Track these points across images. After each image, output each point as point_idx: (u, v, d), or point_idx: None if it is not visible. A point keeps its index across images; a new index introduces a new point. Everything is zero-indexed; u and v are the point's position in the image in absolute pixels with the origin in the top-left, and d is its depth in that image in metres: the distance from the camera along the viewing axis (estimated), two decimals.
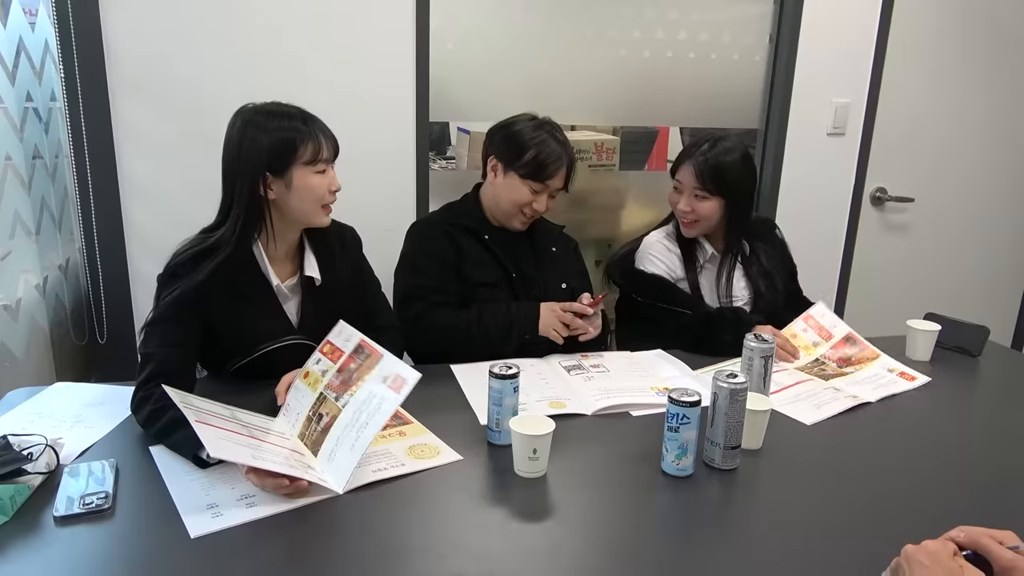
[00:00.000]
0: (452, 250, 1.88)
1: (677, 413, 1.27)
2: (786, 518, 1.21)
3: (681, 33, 2.69)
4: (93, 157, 2.15)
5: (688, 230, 2.04)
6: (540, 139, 1.84)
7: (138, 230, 2.24)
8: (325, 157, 1.51)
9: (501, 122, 1.92)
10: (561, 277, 1.99)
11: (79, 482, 1.19)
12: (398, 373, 1.29)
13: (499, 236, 1.94)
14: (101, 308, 2.24)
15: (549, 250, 2.02)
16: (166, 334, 1.45)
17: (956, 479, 1.35)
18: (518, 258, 1.94)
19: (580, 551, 1.10)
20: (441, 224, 1.92)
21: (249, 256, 1.53)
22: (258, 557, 1.06)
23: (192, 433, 1.19)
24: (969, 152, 3.16)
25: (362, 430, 1.26)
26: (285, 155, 1.47)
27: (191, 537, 1.08)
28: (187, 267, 1.47)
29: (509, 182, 1.86)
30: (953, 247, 3.27)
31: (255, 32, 2.22)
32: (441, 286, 1.85)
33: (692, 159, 1.97)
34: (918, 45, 2.93)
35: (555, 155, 1.83)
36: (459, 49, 2.47)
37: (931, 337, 1.91)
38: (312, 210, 1.54)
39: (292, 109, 1.52)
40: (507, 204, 1.88)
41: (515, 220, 1.91)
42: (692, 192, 1.98)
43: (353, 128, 2.36)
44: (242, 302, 1.52)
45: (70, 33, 2.03)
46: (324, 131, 1.53)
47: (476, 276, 1.88)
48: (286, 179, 1.48)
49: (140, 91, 2.16)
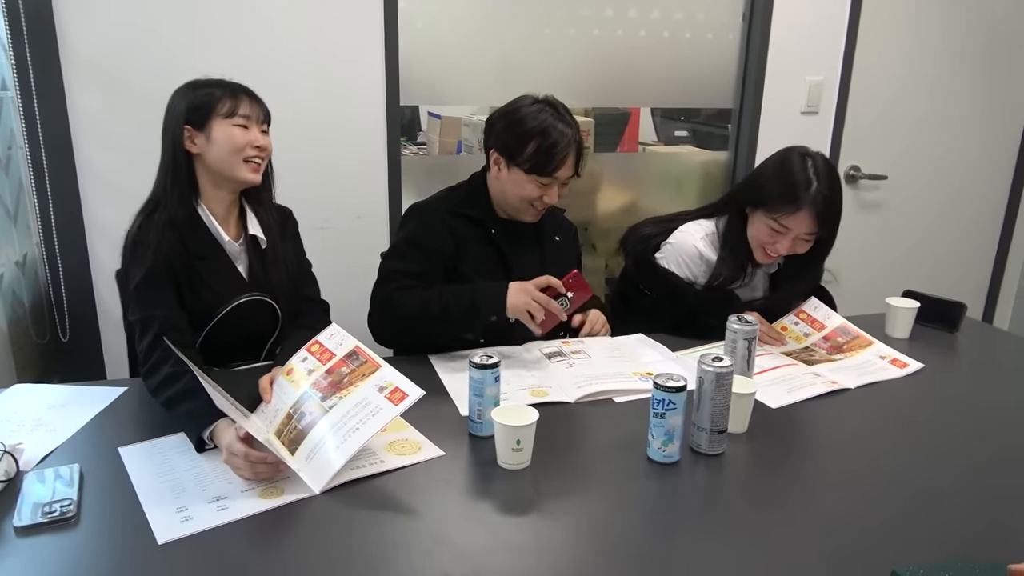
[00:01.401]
0: (451, 243, 1.75)
1: (663, 399, 1.25)
2: (776, 502, 1.19)
3: (654, 12, 2.65)
4: (49, 147, 2.06)
5: (767, 260, 1.85)
6: (542, 128, 1.66)
7: (99, 222, 2.16)
8: (244, 113, 1.52)
9: (500, 110, 1.75)
10: (564, 268, 1.86)
11: (41, 489, 1.13)
12: (398, 386, 1.26)
13: (505, 230, 1.80)
14: (63, 304, 2.16)
15: (553, 239, 1.90)
16: (158, 293, 1.46)
17: (943, 457, 1.35)
18: (523, 253, 1.82)
19: (566, 543, 1.07)
20: (442, 213, 1.77)
21: (195, 215, 1.55)
22: (232, 562, 1.02)
23: (200, 408, 1.23)
24: (943, 129, 3.18)
25: (351, 433, 1.21)
26: (203, 108, 1.50)
27: (158, 543, 1.04)
28: (145, 231, 1.50)
29: (514, 177, 1.71)
30: (927, 224, 3.29)
31: (215, 14, 2.14)
32: (420, 272, 1.72)
33: (811, 204, 1.70)
34: (892, 22, 2.93)
35: (560, 145, 1.66)
36: (428, 30, 2.41)
37: (910, 314, 1.91)
38: (232, 161, 1.52)
39: (222, 80, 1.56)
40: (515, 200, 1.74)
41: (526, 214, 1.77)
42: (800, 237, 1.76)
43: (321, 112, 2.31)
44: (199, 261, 1.54)
45: (20, 18, 1.94)
46: (250, 95, 1.55)
47: (474, 272, 1.75)
48: (206, 132, 1.51)
49: (97, 78, 2.07)
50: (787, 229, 1.75)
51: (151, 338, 1.40)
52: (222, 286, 1.57)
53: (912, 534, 1.11)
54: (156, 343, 1.39)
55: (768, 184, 1.78)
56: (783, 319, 1.91)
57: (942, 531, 1.12)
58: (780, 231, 1.76)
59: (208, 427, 1.25)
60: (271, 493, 1.16)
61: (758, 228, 1.80)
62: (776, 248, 1.78)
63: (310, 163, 2.32)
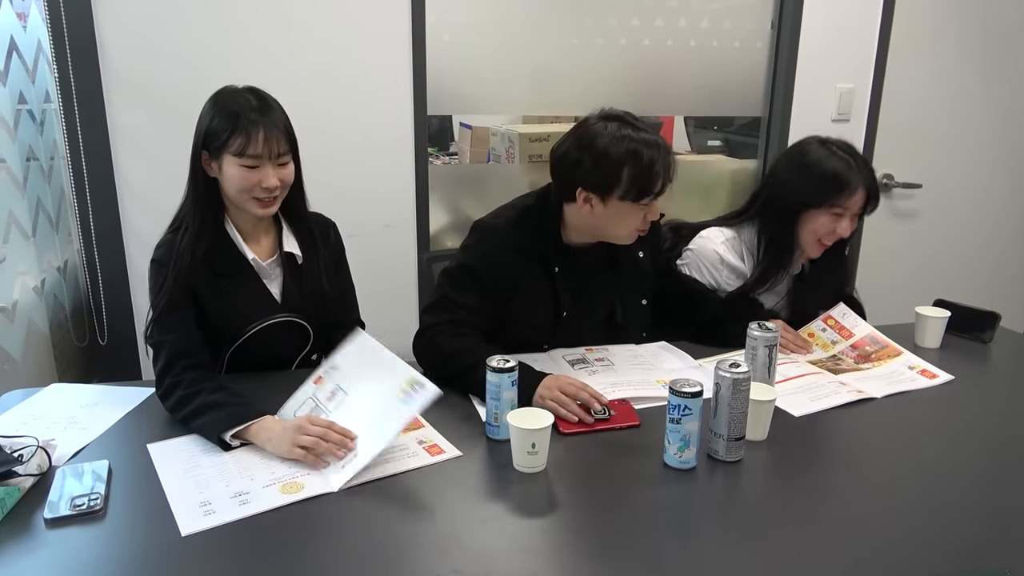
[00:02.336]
0: (508, 279, 1.65)
1: (679, 404, 1.24)
2: (793, 511, 1.18)
3: (681, 20, 2.65)
4: (89, 158, 2.14)
5: (818, 253, 1.87)
6: (631, 151, 1.53)
7: (136, 231, 2.23)
8: (253, 153, 1.43)
9: (574, 140, 1.59)
10: (641, 292, 1.79)
11: (71, 483, 1.17)
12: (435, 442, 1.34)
13: (570, 265, 1.69)
14: (101, 309, 2.23)
15: (636, 256, 1.77)
16: (172, 317, 1.47)
17: (969, 470, 1.32)
18: (583, 291, 1.72)
19: (580, 547, 1.07)
20: (510, 247, 1.65)
21: (222, 232, 1.54)
22: (252, 555, 1.04)
23: (221, 415, 1.30)
24: (978, 137, 3.11)
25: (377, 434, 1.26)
26: (217, 137, 1.45)
27: (182, 535, 1.07)
28: (165, 250, 1.50)
29: (612, 211, 1.58)
30: (962, 233, 3.22)
31: (249, 28, 2.21)
32: (474, 307, 1.63)
33: (861, 181, 1.77)
34: (924, 28, 2.89)
35: (656, 164, 1.53)
36: (456, 40, 2.45)
37: (941, 324, 1.87)
38: (241, 199, 1.49)
39: (250, 94, 1.49)
40: (620, 231, 1.63)
41: (630, 239, 1.67)
42: (856, 213, 1.82)
43: (350, 121, 2.36)
44: (224, 280, 1.53)
45: (63, 33, 2.02)
46: (269, 126, 1.45)
47: (519, 314, 1.69)
48: (218, 162, 1.47)
49: (135, 92, 2.15)
50: (847, 210, 1.81)
51: (163, 363, 1.43)
52: (249, 306, 1.55)
53: (935, 547, 1.09)
54: (167, 369, 1.42)
55: (808, 182, 1.82)
56: (810, 325, 1.89)
57: (965, 545, 1.10)
58: (841, 214, 1.81)
59: (231, 429, 1.29)
60: (291, 488, 1.19)
61: (816, 223, 1.83)
62: (837, 234, 1.83)
63: (339, 171, 2.36)
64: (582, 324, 1.77)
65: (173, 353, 1.44)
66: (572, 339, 1.78)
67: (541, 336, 1.76)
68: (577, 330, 1.77)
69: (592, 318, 1.79)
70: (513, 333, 1.72)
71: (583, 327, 1.78)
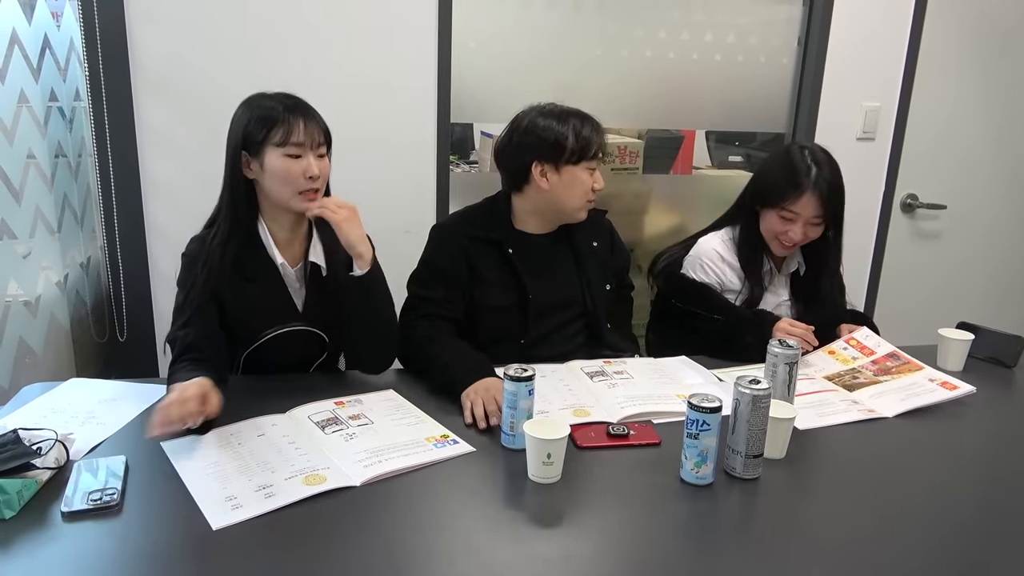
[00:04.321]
0: (464, 267, 1.76)
1: (697, 419, 1.23)
2: (810, 531, 1.16)
3: (707, 35, 2.65)
4: (116, 157, 2.16)
5: (786, 251, 1.95)
6: (564, 119, 1.72)
7: (159, 230, 2.25)
8: (296, 140, 1.47)
9: (515, 131, 1.76)
10: (604, 277, 1.89)
11: (88, 478, 1.18)
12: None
13: (525, 249, 1.80)
14: (122, 306, 2.25)
15: (590, 245, 1.89)
16: (189, 316, 1.49)
17: (990, 493, 1.30)
18: (544, 273, 1.81)
19: (593, 560, 1.06)
20: (459, 237, 1.78)
21: (254, 235, 1.55)
22: (278, 549, 1.04)
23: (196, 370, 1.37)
24: (1004, 158, 3.08)
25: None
26: (257, 134, 1.47)
27: (213, 529, 1.08)
28: (196, 247, 1.53)
29: (567, 176, 1.72)
30: (986, 255, 3.18)
31: (277, 32, 2.22)
32: (443, 299, 1.75)
33: (813, 187, 1.83)
34: (951, 48, 2.86)
35: (588, 124, 1.73)
36: (481, 49, 2.45)
37: (964, 347, 1.84)
38: (286, 194, 1.50)
39: (284, 96, 1.52)
40: (575, 199, 1.75)
41: (582, 212, 1.78)
42: (809, 221, 1.86)
43: (374, 126, 2.37)
44: (249, 283, 1.54)
45: (95, 33, 2.05)
46: (308, 116, 1.50)
47: (486, 299, 1.77)
48: (260, 159, 1.48)
49: (163, 93, 2.17)
50: (796, 215, 1.86)
51: (173, 357, 1.49)
52: (270, 312, 1.57)
53: (953, 571, 1.07)
54: (174, 362, 1.48)
55: (772, 178, 1.91)
56: (832, 344, 1.87)
57: (990, 571, 1.08)
58: (790, 218, 1.87)
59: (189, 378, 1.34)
60: (314, 480, 1.20)
61: (770, 221, 1.92)
62: (789, 236, 1.88)
63: (361, 176, 2.36)
64: (553, 312, 1.83)
65: (184, 346, 1.47)
66: (547, 328, 1.82)
67: (514, 323, 1.79)
68: (550, 319, 1.82)
69: (561, 304, 1.84)
70: (487, 321, 1.78)
71: (556, 315, 1.83)
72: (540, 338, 1.81)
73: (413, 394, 1.56)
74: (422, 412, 1.48)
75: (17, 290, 1.79)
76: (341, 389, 1.56)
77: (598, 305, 1.86)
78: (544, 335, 1.82)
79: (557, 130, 1.71)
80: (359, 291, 1.55)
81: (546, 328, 1.83)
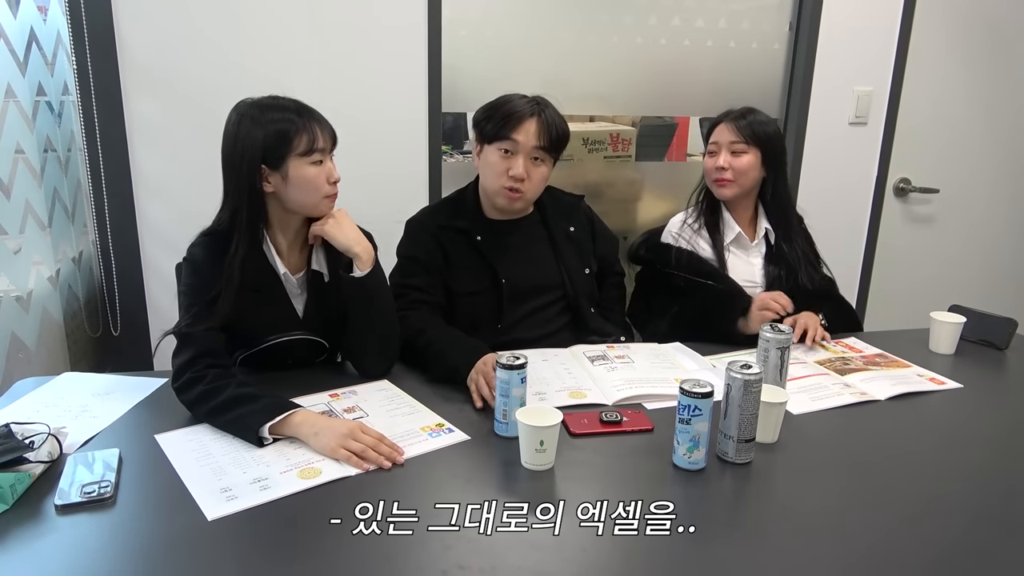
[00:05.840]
0: (439, 255, 1.79)
1: (688, 405, 1.24)
2: (802, 515, 1.17)
3: (699, 21, 2.64)
4: (106, 150, 2.15)
5: (723, 191, 1.99)
6: (502, 101, 1.75)
7: (151, 223, 2.24)
8: (320, 147, 1.47)
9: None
10: (582, 262, 1.90)
11: (82, 471, 1.18)
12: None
13: (494, 235, 1.82)
14: (115, 300, 2.25)
15: (566, 230, 1.90)
16: (200, 315, 1.45)
17: (980, 475, 1.31)
18: (518, 257, 1.83)
19: (585, 544, 1.07)
20: (431, 227, 1.81)
21: (258, 247, 1.53)
22: (259, 544, 1.05)
23: (257, 407, 1.30)
24: (995, 142, 3.08)
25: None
26: (279, 147, 1.44)
27: (208, 520, 1.08)
28: (205, 254, 1.49)
29: (486, 157, 1.76)
30: (978, 238, 3.19)
31: (266, 21, 2.21)
32: (426, 286, 1.77)
33: (728, 118, 1.99)
34: (942, 32, 2.86)
35: (516, 109, 1.72)
36: (472, 38, 2.44)
37: (955, 329, 1.85)
38: (314, 201, 1.51)
39: (287, 102, 1.50)
40: (490, 180, 1.77)
41: (501, 197, 1.77)
42: (729, 148, 1.96)
43: (364, 117, 2.36)
44: (250, 292, 1.52)
45: (82, 26, 2.04)
46: (320, 121, 1.50)
47: (459, 286, 1.79)
48: (282, 171, 1.46)
49: (152, 85, 2.16)
50: (717, 144, 2.00)
51: (187, 357, 1.41)
52: (270, 320, 1.56)
53: (944, 552, 1.08)
54: (190, 363, 1.40)
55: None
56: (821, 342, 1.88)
57: (976, 549, 1.08)
58: (714, 150, 2.01)
59: (271, 419, 1.28)
60: (309, 473, 1.21)
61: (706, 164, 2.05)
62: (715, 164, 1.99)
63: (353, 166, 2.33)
64: (530, 296, 1.84)
65: (200, 350, 1.41)
66: (524, 312, 1.84)
67: (489, 308, 1.81)
68: (527, 303, 1.84)
69: (538, 289, 1.85)
70: (463, 307, 1.80)
71: (533, 300, 1.85)
72: (517, 322, 1.82)
73: (407, 384, 1.57)
74: (417, 401, 1.48)
75: (8, 285, 1.78)
76: (336, 381, 1.56)
77: (578, 289, 1.87)
78: (521, 319, 1.83)
79: (491, 106, 1.77)
80: (360, 292, 1.55)
81: (523, 312, 1.84)
